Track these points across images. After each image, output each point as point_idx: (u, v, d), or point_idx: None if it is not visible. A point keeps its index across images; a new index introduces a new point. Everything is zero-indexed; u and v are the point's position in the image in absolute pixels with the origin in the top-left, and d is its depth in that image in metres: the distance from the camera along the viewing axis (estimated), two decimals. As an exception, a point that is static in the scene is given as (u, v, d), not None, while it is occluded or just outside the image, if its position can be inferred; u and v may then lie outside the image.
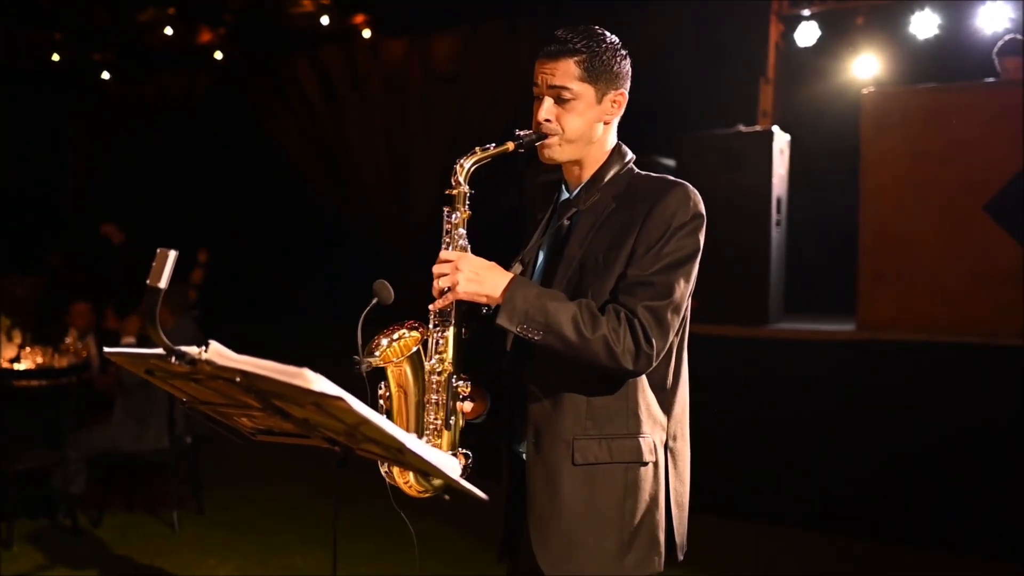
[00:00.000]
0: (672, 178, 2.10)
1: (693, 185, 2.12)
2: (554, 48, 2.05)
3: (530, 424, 2.07)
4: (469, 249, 2.05)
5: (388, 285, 1.96)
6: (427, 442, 2.04)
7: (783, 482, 5.57)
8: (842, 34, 7.43)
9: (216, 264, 8.42)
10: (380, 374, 2.03)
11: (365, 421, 1.35)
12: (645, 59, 8.10)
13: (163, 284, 1.36)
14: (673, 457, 2.11)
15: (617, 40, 2.11)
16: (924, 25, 6.89)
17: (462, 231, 2.05)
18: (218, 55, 10.76)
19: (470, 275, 1.96)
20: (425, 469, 1.55)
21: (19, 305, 8.10)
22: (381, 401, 2.05)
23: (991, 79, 5.64)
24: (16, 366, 5.52)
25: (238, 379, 1.33)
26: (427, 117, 9.99)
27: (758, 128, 6.37)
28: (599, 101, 2.08)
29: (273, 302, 10.97)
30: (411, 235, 10.05)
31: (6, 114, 10.75)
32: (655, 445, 2.06)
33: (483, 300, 1.99)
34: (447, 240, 2.06)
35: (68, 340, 6.34)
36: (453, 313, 2.03)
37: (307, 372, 1.27)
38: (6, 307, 6.37)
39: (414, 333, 2.06)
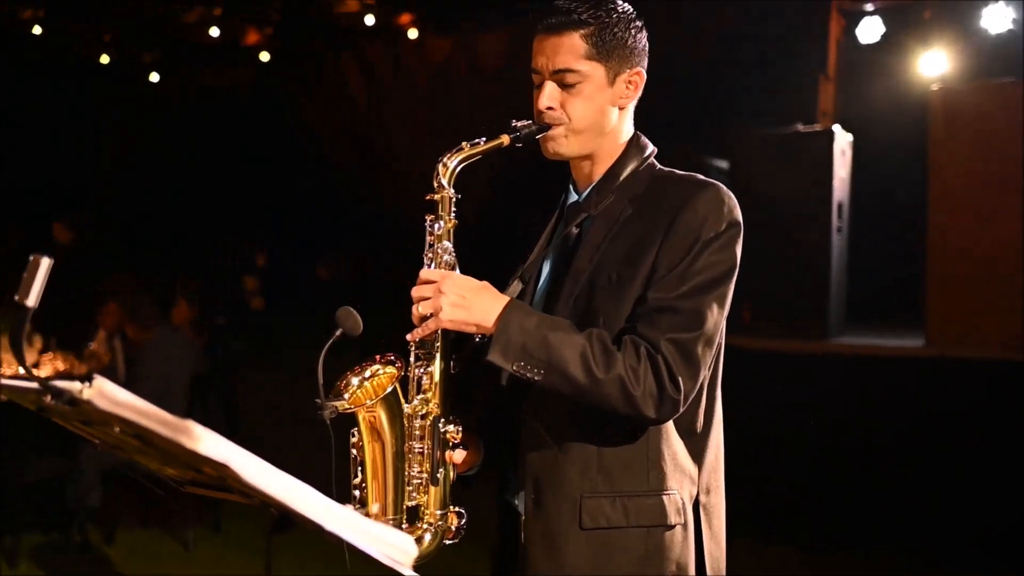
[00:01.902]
0: (701, 177, 1.75)
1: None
2: (555, 20, 1.71)
3: (528, 475, 1.73)
4: (456, 266, 1.73)
5: (355, 312, 1.64)
6: (413, 500, 1.71)
7: (845, 509, 5.20)
8: (908, 29, 7.07)
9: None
10: (352, 418, 1.71)
11: (262, 494, 1.02)
12: (700, 56, 7.79)
13: (32, 302, 1.04)
14: (707, 515, 1.75)
15: (630, 8, 1.77)
16: (997, 19, 6.45)
17: (447, 244, 1.73)
18: (264, 56, 10.67)
19: (455, 299, 1.64)
20: (353, 551, 1.21)
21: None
22: (354, 451, 1.72)
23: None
24: (35, 373, 5.32)
25: (117, 428, 1.02)
26: (473, 115, 9.75)
27: (818, 127, 6.01)
28: (611, 82, 1.74)
29: (313, 302, 10.80)
30: (456, 237, 9.82)
31: (43, 111, 10.73)
32: (683, 503, 1.71)
33: (472, 329, 1.66)
34: (429, 255, 1.73)
35: (94, 345, 6.13)
36: (438, 343, 1.70)
37: (193, 427, 0.96)
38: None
39: (389, 369, 1.73)
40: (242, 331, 8.07)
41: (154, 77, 11.48)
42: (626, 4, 1.77)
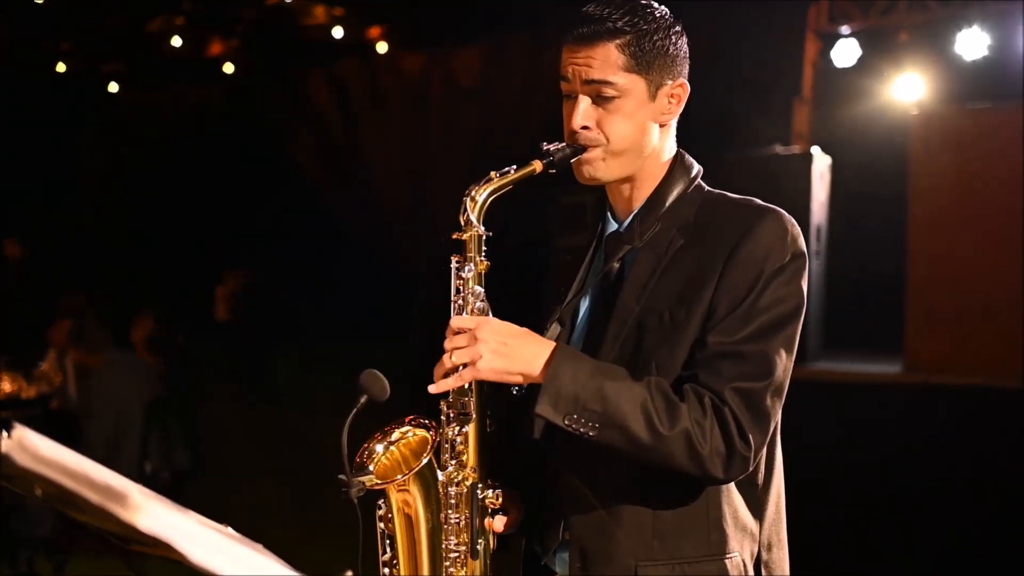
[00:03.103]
0: (759, 202, 1.58)
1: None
2: (587, 29, 1.53)
3: (572, 540, 1.54)
4: (490, 313, 1.54)
5: (380, 376, 1.46)
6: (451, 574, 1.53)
7: (821, 543, 5.06)
8: (884, 52, 7.10)
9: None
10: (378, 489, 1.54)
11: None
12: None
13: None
14: (768, 573, 1.58)
15: (668, 11, 1.59)
16: (972, 44, 6.45)
17: (478, 289, 1.54)
18: (229, 68, 10.46)
19: (495, 346, 1.45)
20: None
21: None
22: (382, 524, 1.55)
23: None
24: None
25: (38, 492, 0.84)
26: (449, 133, 9.62)
27: (796, 150, 5.96)
28: (652, 97, 1.57)
29: (285, 321, 10.61)
30: (431, 253, 9.68)
31: (20, 127, 10.45)
32: (744, 565, 1.54)
33: (515, 380, 1.48)
34: (458, 301, 1.53)
35: (44, 365, 5.89)
36: (472, 399, 1.51)
37: (132, 493, 0.78)
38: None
39: (420, 431, 1.55)
40: (207, 349, 7.85)
41: (113, 87, 11.22)
42: (663, 8, 1.60)
